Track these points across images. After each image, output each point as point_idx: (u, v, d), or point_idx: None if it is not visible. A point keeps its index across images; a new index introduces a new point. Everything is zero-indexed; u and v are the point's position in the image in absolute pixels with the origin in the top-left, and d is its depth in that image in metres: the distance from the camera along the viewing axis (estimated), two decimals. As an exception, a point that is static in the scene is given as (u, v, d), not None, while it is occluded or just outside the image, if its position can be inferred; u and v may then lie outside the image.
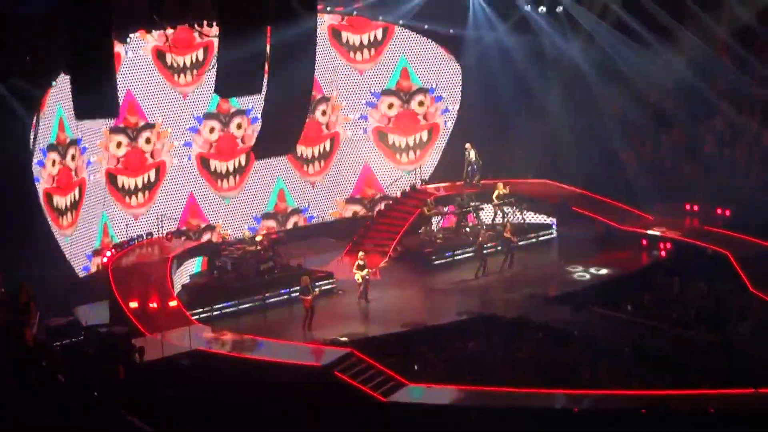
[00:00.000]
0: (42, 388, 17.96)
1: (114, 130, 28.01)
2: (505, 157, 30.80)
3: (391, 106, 32.06)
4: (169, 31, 26.04)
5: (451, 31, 30.96)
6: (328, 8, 29.36)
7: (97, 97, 17.16)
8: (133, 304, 23.73)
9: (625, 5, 29.46)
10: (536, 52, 30.71)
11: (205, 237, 29.65)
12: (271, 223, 30.98)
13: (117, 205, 28.44)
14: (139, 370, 20.72)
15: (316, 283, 25.04)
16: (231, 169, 30.23)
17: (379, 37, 31.57)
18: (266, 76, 17.80)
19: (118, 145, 28.25)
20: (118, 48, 25.19)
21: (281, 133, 19.04)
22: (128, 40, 26.09)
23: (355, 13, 30.50)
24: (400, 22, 30.66)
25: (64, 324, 23.54)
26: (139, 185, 28.75)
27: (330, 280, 26.64)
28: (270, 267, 26.78)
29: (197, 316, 24.35)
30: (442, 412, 20.40)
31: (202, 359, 21.68)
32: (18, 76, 22.68)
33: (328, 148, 31.71)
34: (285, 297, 25.99)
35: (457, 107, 32.26)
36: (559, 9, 30.01)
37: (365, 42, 31.45)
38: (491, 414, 19.67)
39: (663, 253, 28.05)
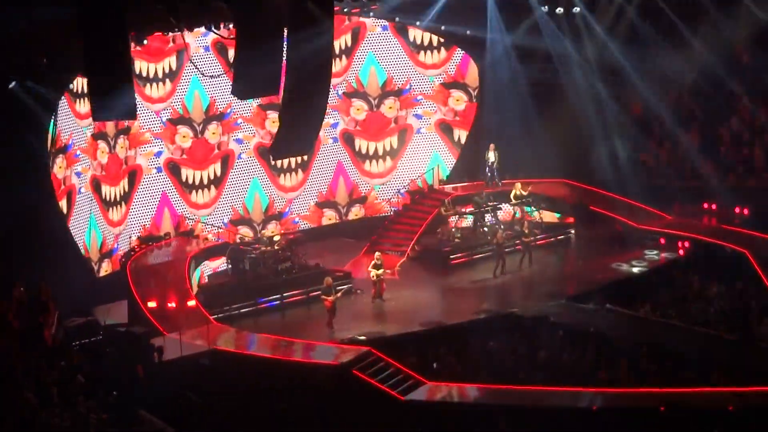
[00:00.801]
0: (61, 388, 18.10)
1: (97, 137, 27.49)
2: (522, 157, 30.74)
3: (359, 109, 31.80)
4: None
5: (468, 32, 30.94)
6: (345, 10, 29.36)
7: (115, 99, 17.22)
8: (152, 304, 23.83)
9: (640, 6, 29.36)
10: (553, 53, 30.66)
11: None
12: (246, 230, 30.49)
13: (102, 218, 27.85)
14: (158, 369, 20.83)
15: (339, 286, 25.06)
16: (205, 180, 29.79)
17: (349, 43, 31.19)
18: (283, 76, 17.84)
19: (102, 152, 27.76)
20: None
21: (299, 132, 19.06)
22: (145, 42, 26.09)
23: (371, 15, 30.51)
24: (417, 23, 30.65)
25: (83, 324, 23.52)
26: (118, 195, 28.19)
27: (348, 280, 26.71)
28: (288, 267, 26.86)
29: (215, 316, 24.40)
30: (460, 411, 20.44)
31: (220, 358, 21.77)
32: (34, 79, 22.78)
33: (306, 157, 30.79)
34: (303, 296, 26.04)
35: (437, 109, 32.24)
36: (576, 10, 29.96)
37: (335, 50, 30.53)
38: (510, 412, 19.67)
39: (681, 252, 27.98)
